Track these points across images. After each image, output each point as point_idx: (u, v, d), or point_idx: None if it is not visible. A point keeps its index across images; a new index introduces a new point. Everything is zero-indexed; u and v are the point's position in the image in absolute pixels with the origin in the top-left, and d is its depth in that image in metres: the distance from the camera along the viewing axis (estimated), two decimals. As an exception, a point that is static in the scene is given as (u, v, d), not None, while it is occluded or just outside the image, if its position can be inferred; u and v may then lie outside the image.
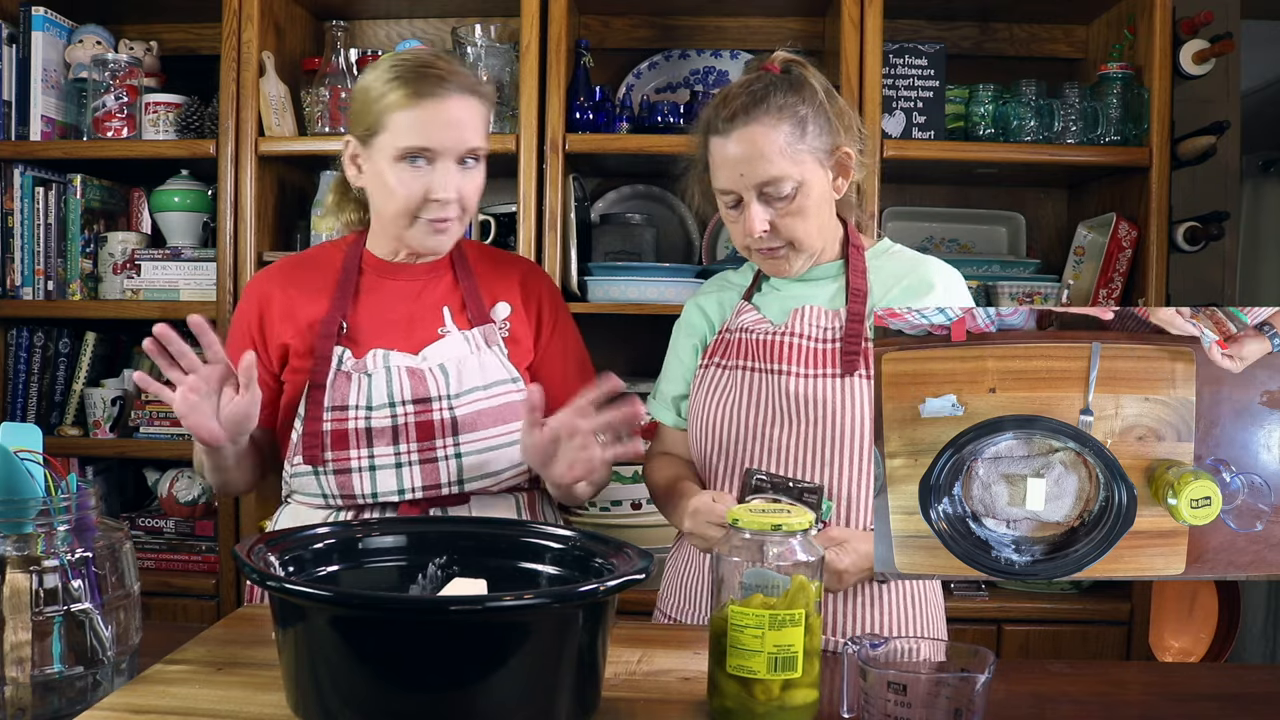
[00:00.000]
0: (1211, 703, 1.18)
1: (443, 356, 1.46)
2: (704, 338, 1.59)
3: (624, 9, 2.61)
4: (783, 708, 0.99)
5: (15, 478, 1.04)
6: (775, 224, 1.43)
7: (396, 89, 1.39)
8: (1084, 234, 2.49)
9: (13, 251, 2.49)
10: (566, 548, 1.16)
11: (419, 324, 1.49)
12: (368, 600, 0.98)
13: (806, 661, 0.99)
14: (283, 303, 1.50)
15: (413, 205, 1.42)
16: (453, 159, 1.42)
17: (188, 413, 1.28)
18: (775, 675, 0.98)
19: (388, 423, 1.42)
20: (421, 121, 1.39)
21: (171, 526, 2.50)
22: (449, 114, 1.40)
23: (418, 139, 1.39)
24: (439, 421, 1.43)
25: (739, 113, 1.41)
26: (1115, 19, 2.50)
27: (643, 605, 1.70)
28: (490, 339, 1.50)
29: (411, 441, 1.43)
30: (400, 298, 1.51)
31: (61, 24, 2.53)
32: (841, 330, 1.44)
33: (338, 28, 2.44)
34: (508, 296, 1.55)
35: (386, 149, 1.41)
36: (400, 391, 1.43)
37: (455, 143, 1.41)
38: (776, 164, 1.40)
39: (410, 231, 1.45)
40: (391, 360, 1.45)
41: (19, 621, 0.99)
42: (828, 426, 1.42)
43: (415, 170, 1.41)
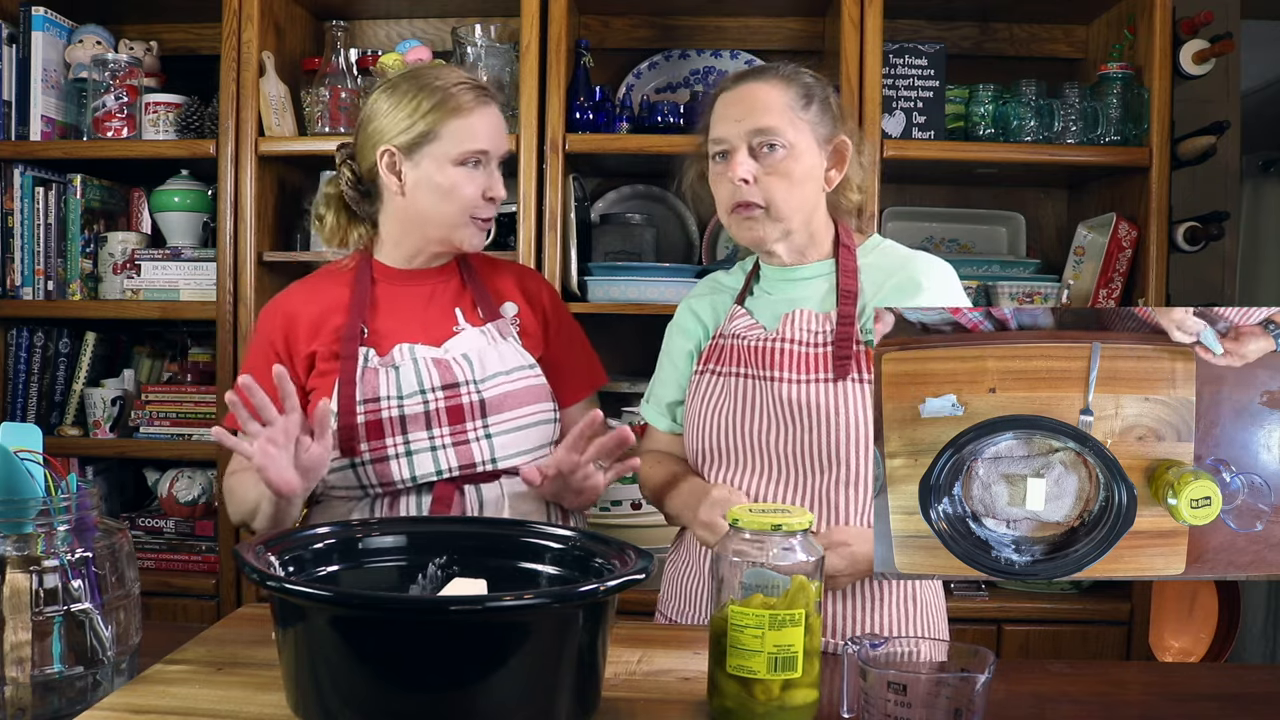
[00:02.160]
0: (1211, 703, 1.18)
1: (464, 348, 1.54)
2: (698, 342, 1.59)
3: (624, 9, 2.61)
4: (783, 708, 0.99)
5: (15, 478, 1.04)
6: (758, 179, 1.44)
7: (446, 101, 1.50)
8: (1084, 234, 2.49)
9: (13, 251, 2.49)
10: (566, 548, 1.16)
11: (435, 323, 1.56)
12: (368, 600, 0.98)
13: (806, 661, 0.99)
14: (308, 317, 1.56)
15: (471, 204, 1.52)
16: (497, 162, 1.55)
17: (267, 465, 1.31)
18: (775, 675, 0.98)
19: (420, 409, 1.49)
20: (478, 127, 1.51)
21: (171, 526, 2.50)
22: (495, 121, 1.54)
23: (476, 144, 1.51)
24: (468, 405, 1.50)
25: (750, 74, 1.49)
26: (1115, 19, 2.50)
27: (643, 605, 1.70)
28: (504, 331, 1.58)
29: (444, 425, 1.49)
30: (415, 301, 1.58)
31: (61, 24, 2.53)
32: (833, 333, 1.44)
33: (338, 28, 2.44)
34: (511, 297, 1.64)
35: (441, 156, 1.50)
36: (429, 379, 1.50)
37: (500, 145, 1.55)
38: (774, 116, 1.43)
39: (462, 231, 1.54)
40: (417, 353, 1.52)
41: (19, 621, 0.99)
42: (822, 432, 1.41)
43: (471, 173, 1.52)
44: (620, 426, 1.40)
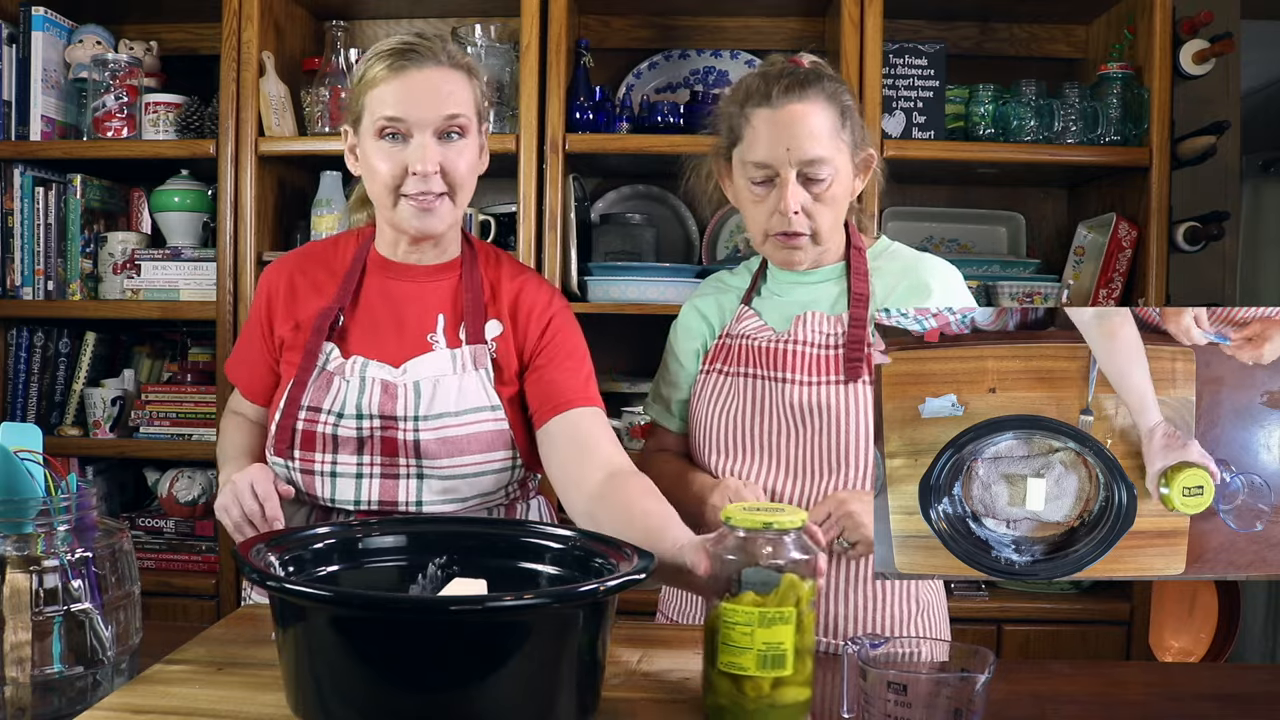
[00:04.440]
0: (1211, 703, 1.18)
1: (421, 374, 1.42)
2: (704, 341, 1.58)
3: (624, 9, 2.61)
4: (773, 705, 0.99)
5: (15, 478, 1.04)
6: (806, 209, 1.41)
7: (374, 66, 1.38)
8: (1084, 234, 2.49)
9: (13, 251, 2.49)
10: (566, 548, 1.15)
11: (409, 330, 1.45)
12: (368, 600, 0.98)
13: (798, 660, 0.99)
14: (287, 296, 1.49)
15: (393, 181, 1.38)
16: (431, 131, 1.37)
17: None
18: (765, 672, 0.98)
19: (353, 434, 1.40)
20: (396, 93, 1.36)
21: (171, 526, 2.50)
22: (425, 84, 1.36)
23: (391, 109, 1.36)
24: (402, 442, 1.39)
25: (794, 86, 1.40)
26: (1115, 19, 2.50)
27: (643, 605, 1.69)
28: (479, 361, 1.44)
29: (376, 454, 1.40)
30: (398, 298, 1.48)
31: (61, 24, 2.53)
32: (844, 336, 1.43)
33: (337, 28, 2.44)
34: (501, 314, 1.48)
35: (369, 129, 1.39)
36: (369, 405, 1.40)
37: (431, 111, 1.36)
38: (824, 144, 1.39)
39: (396, 212, 1.40)
40: (369, 371, 1.42)
41: (19, 621, 0.99)
42: (832, 434, 1.41)
43: (394, 145, 1.37)
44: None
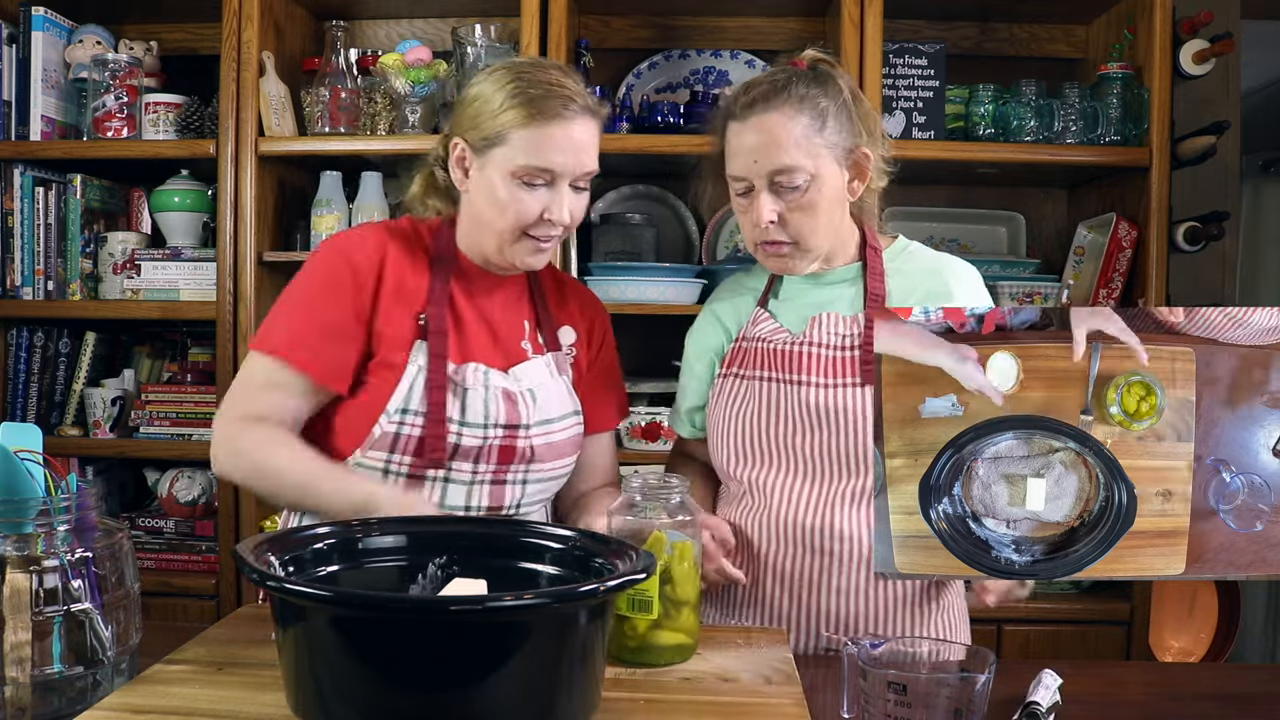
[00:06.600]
0: (1211, 703, 1.19)
1: (532, 381, 1.45)
2: (720, 349, 1.56)
3: (624, 9, 2.61)
4: (646, 645, 1.16)
5: (15, 478, 1.04)
6: (784, 217, 1.40)
7: (522, 106, 1.36)
8: (1084, 234, 2.49)
9: (13, 251, 2.49)
10: (566, 548, 1.15)
11: (504, 337, 1.47)
12: (368, 600, 0.97)
13: (674, 609, 1.16)
14: (394, 279, 1.43)
15: (525, 224, 1.38)
16: (569, 182, 1.39)
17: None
18: (636, 614, 1.15)
19: (477, 443, 1.39)
20: (545, 143, 1.35)
21: (171, 526, 2.50)
22: (572, 137, 1.37)
23: (540, 160, 1.36)
24: (520, 449, 1.42)
25: (759, 100, 1.39)
26: (1115, 19, 2.50)
27: (643, 605, 1.69)
28: (561, 366, 1.50)
29: (491, 462, 1.41)
30: (484, 304, 1.47)
31: (61, 24, 2.53)
32: (860, 337, 1.42)
33: (338, 28, 2.44)
34: (572, 322, 1.55)
35: (503, 163, 1.37)
36: (496, 414, 1.40)
37: (575, 166, 1.38)
38: (791, 153, 1.37)
39: (513, 247, 1.41)
40: (491, 379, 1.42)
41: (19, 621, 0.99)
42: (849, 436, 1.39)
43: (532, 190, 1.37)
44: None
